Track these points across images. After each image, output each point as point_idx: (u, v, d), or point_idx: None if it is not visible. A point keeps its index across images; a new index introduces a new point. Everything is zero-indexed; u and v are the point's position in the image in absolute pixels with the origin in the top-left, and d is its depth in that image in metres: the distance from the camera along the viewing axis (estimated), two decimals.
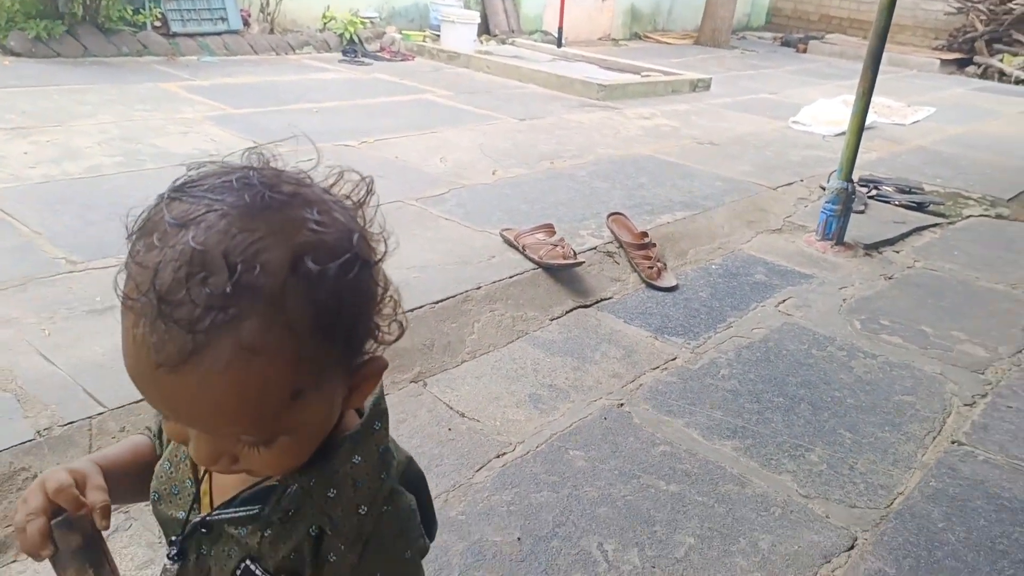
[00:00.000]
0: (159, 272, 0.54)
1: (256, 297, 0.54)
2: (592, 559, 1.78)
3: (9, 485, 1.69)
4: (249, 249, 0.54)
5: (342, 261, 0.58)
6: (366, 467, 0.70)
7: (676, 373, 2.62)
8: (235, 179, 0.58)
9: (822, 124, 6.36)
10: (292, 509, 0.69)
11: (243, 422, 0.58)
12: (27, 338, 2.15)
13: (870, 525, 1.95)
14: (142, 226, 0.59)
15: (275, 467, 0.65)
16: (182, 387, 0.55)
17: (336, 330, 0.60)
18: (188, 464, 0.75)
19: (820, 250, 3.79)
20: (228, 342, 0.54)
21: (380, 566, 0.70)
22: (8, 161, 3.46)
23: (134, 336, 0.56)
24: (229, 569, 0.72)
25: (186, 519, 0.73)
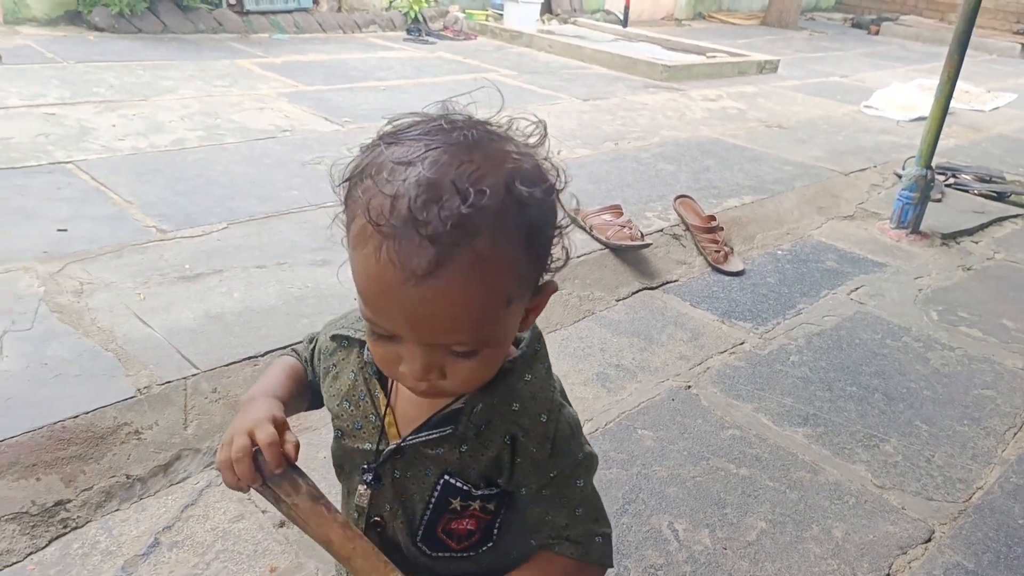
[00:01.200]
0: (400, 198, 0.63)
1: (484, 215, 0.64)
2: (663, 537, 1.80)
3: (113, 438, 1.80)
4: (472, 176, 0.64)
5: (544, 186, 0.69)
6: (537, 382, 0.81)
7: (744, 358, 2.61)
8: (443, 122, 0.69)
9: (896, 109, 6.17)
10: (483, 424, 0.79)
11: (467, 329, 0.68)
12: (125, 302, 2.26)
13: (948, 519, 1.93)
14: (363, 170, 0.68)
15: (473, 381, 0.74)
16: (425, 297, 0.64)
17: (539, 245, 0.71)
18: (368, 401, 0.84)
19: (895, 238, 3.70)
20: (467, 253, 0.63)
21: (563, 460, 0.80)
22: (99, 133, 3.61)
23: (378, 258, 0.64)
24: (428, 485, 0.82)
25: (376, 448, 0.83)
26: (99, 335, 2.10)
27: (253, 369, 2.07)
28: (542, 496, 0.81)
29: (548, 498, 0.81)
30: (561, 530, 0.82)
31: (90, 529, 1.65)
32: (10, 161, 3.18)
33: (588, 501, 0.84)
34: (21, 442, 1.71)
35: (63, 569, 1.55)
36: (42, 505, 1.65)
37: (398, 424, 0.83)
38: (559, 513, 0.82)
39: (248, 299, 2.36)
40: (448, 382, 0.72)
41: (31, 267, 2.40)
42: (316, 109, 4.45)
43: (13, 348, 2.01)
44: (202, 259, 2.57)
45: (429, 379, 0.71)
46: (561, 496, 0.82)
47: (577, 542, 0.83)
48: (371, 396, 0.84)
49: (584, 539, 0.83)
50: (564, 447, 0.80)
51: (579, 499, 0.83)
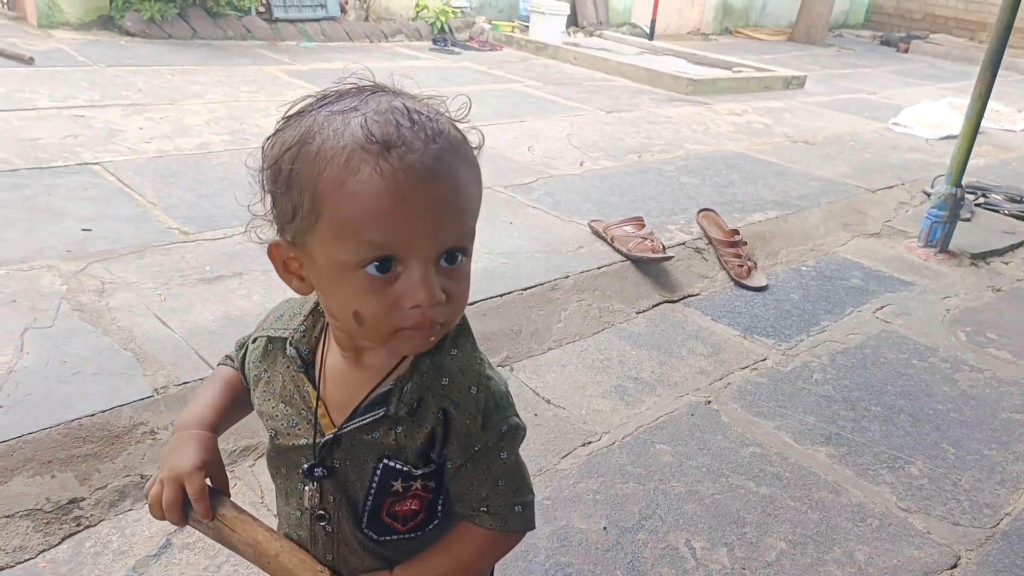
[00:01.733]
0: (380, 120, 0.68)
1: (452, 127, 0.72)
2: (680, 555, 1.77)
3: (128, 438, 1.80)
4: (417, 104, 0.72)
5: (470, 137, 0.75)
6: (464, 356, 0.82)
7: (766, 374, 2.57)
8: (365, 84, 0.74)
9: (925, 127, 6.09)
10: (416, 402, 0.79)
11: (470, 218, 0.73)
12: (145, 302, 2.27)
13: (974, 544, 1.87)
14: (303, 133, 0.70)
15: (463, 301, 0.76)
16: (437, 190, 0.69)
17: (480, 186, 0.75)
18: (299, 398, 0.84)
19: (922, 257, 3.63)
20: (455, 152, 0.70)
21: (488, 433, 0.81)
22: (126, 135, 3.65)
23: (382, 173, 0.67)
24: (368, 471, 0.82)
25: (313, 442, 0.82)
26: (119, 334, 2.11)
27: None
28: (465, 469, 0.82)
29: (471, 471, 0.82)
30: (481, 501, 0.84)
31: (103, 528, 1.65)
32: (39, 161, 3.23)
33: (510, 472, 0.84)
34: (38, 439, 1.72)
35: (75, 568, 1.55)
36: (56, 502, 1.65)
37: (330, 414, 0.83)
38: (481, 485, 0.83)
39: (267, 302, 2.36)
40: (448, 305, 0.73)
41: (54, 265, 2.42)
42: None
43: (34, 345, 2.02)
44: (223, 261, 2.58)
45: (437, 298, 0.71)
46: (484, 468, 0.82)
47: (496, 514, 0.84)
48: (299, 392, 0.84)
49: (503, 510, 0.84)
50: (493, 419, 0.82)
51: (502, 471, 0.83)
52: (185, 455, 0.86)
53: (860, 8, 13.82)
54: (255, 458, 1.89)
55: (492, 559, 0.90)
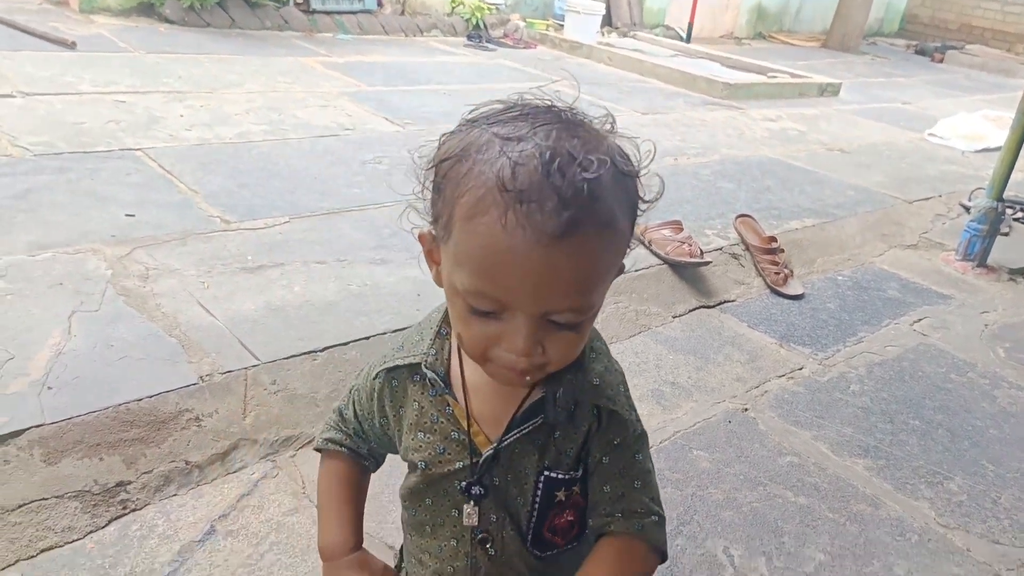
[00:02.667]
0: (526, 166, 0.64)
1: (604, 184, 0.66)
2: (718, 562, 1.76)
3: (174, 424, 1.82)
4: (585, 148, 0.66)
5: (635, 166, 0.71)
6: (604, 358, 0.83)
7: (803, 384, 2.55)
8: (537, 105, 0.71)
9: (962, 138, 6.01)
10: (572, 404, 0.79)
11: (585, 293, 0.69)
12: (188, 289, 2.29)
13: (1015, 564, 1.85)
14: (463, 148, 0.69)
15: (570, 354, 0.74)
16: (553, 260, 0.64)
17: (633, 217, 0.73)
18: (444, 421, 0.83)
19: (960, 270, 3.59)
20: (592, 217, 0.65)
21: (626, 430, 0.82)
22: (167, 122, 3.69)
23: (504, 224, 0.64)
24: (530, 486, 0.81)
25: (471, 462, 0.81)
26: (163, 320, 2.14)
27: (312, 363, 2.08)
28: (602, 464, 0.81)
29: (607, 466, 0.81)
30: (617, 502, 0.82)
31: (148, 512, 1.67)
32: (82, 145, 3.27)
33: (646, 476, 0.84)
34: (87, 421, 1.74)
35: (121, 550, 1.57)
36: (104, 485, 1.67)
37: (484, 431, 0.81)
38: (617, 483, 0.81)
39: (308, 293, 2.38)
40: (547, 357, 0.71)
41: (100, 249, 2.45)
42: (377, 109, 4.49)
43: (81, 328, 2.05)
44: (264, 251, 2.60)
45: (533, 354, 0.70)
46: (620, 466, 0.82)
47: (631, 517, 0.82)
48: (444, 415, 0.82)
49: (639, 514, 0.82)
50: (632, 418, 0.82)
51: (637, 471, 0.83)
52: None
53: (895, 16, 13.65)
54: (296, 448, 1.91)
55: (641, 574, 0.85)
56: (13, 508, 1.56)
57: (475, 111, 0.72)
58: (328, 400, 2.02)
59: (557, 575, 0.87)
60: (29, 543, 1.54)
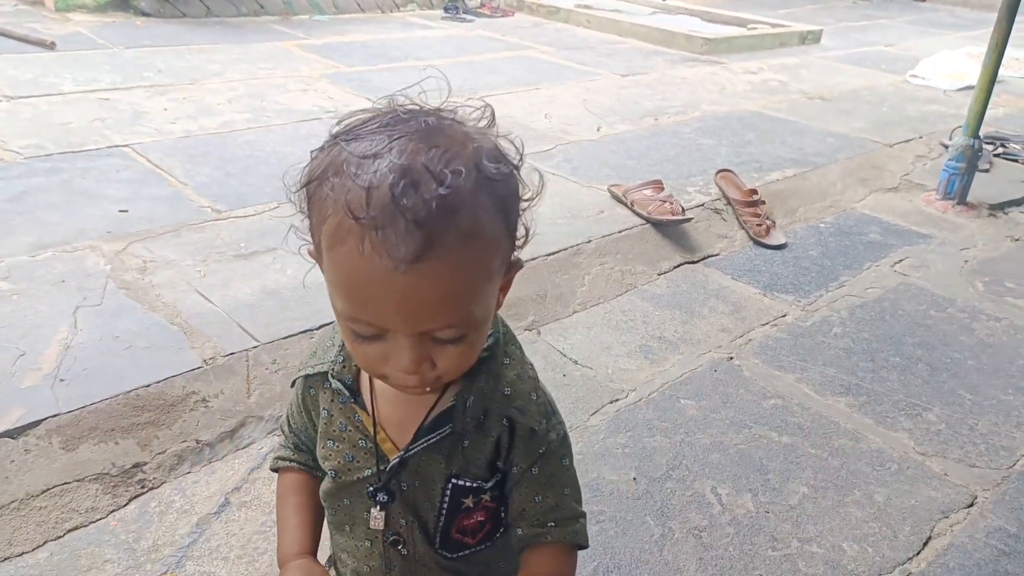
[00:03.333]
0: (376, 189, 0.62)
1: (461, 193, 0.63)
2: (706, 501, 1.86)
3: (183, 406, 1.91)
4: (443, 159, 0.64)
5: (505, 162, 0.69)
6: (517, 363, 0.82)
7: (786, 330, 2.63)
8: (400, 113, 0.69)
9: (943, 78, 6.03)
10: (482, 414, 0.79)
11: (458, 310, 0.67)
12: (186, 278, 2.37)
13: (991, 485, 1.95)
14: (324, 169, 0.67)
15: (462, 365, 0.73)
16: (413, 284, 0.63)
17: (510, 219, 0.71)
18: (352, 429, 0.83)
19: (940, 210, 3.66)
20: (451, 232, 0.63)
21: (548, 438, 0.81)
22: (152, 117, 3.74)
23: (361, 252, 0.63)
24: (437, 492, 0.81)
25: (377, 470, 0.81)
26: (164, 310, 2.22)
27: (309, 341, 2.16)
28: (530, 475, 0.81)
29: (536, 477, 0.81)
30: (549, 512, 0.82)
31: (165, 489, 1.77)
32: (71, 145, 3.32)
33: (573, 481, 0.84)
34: (100, 408, 1.83)
35: (143, 525, 1.67)
36: (121, 467, 1.77)
37: (391, 438, 0.81)
38: (548, 493, 0.82)
39: (301, 275, 2.45)
40: (438, 370, 0.71)
41: (97, 246, 2.53)
42: (358, 90, 4.53)
43: (86, 322, 2.13)
44: (256, 238, 2.67)
45: (420, 371, 0.69)
46: (549, 475, 0.82)
47: (565, 527, 0.83)
48: (352, 423, 0.82)
49: (570, 521, 0.83)
50: (552, 422, 0.82)
51: (566, 478, 0.83)
52: None
53: None
54: None
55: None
56: (38, 493, 1.66)
57: (342, 122, 0.71)
58: None
59: (465, 570, 0.87)
60: (56, 524, 1.63)
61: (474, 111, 0.72)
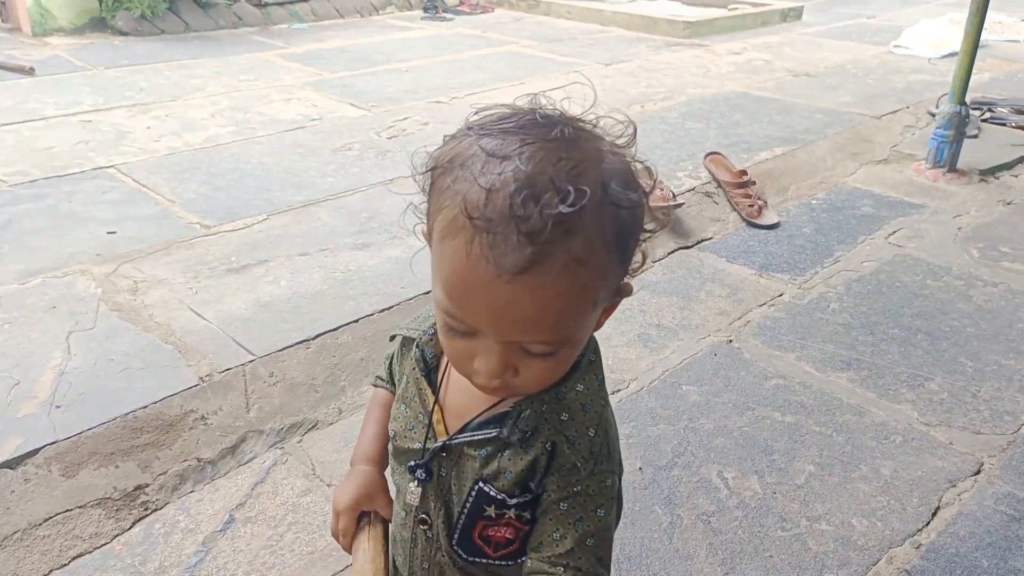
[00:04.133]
0: (497, 193, 0.61)
1: (582, 215, 0.61)
2: (713, 486, 1.85)
3: (182, 425, 1.90)
4: (571, 174, 0.62)
5: (637, 189, 0.66)
6: (590, 394, 0.78)
7: (784, 309, 2.62)
8: (539, 116, 0.66)
9: (927, 46, 6.02)
10: (530, 431, 0.76)
11: (552, 329, 0.65)
12: (178, 296, 2.36)
13: (996, 450, 1.94)
14: (450, 159, 0.66)
15: (545, 381, 0.72)
16: (514, 295, 0.62)
17: (627, 249, 0.67)
18: (418, 401, 0.83)
19: (931, 178, 3.65)
20: (562, 253, 0.61)
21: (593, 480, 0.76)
22: (135, 136, 3.72)
23: (468, 252, 0.62)
24: (466, 488, 0.80)
25: (423, 447, 0.82)
26: (158, 329, 2.20)
27: (306, 352, 2.15)
28: (557, 508, 0.76)
29: (563, 513, 0.76)
30: (563, 556, 0.76)
31: (169, 510, 1.76)
32: (55, 169, 3.31)
33: (601, 535, 0.77)
34: (98, 433, 1.82)
35: (148, 548, 1.66)
36: (123, 490, 1.76)
37: (446, 421, 0.82)
38: (568, 534, 0.76)
39: (295, 286, 2.44)
40: (520, 380, 0.70)
41: (87, 269, 2.51)
42: (342, 96, 4.51)
43: (80, 346, 2.12)
44: (247, 251, 2.66)
45: (503, 377, 0.69)
46: (577, 516, 0.75)
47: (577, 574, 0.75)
48: (420, 396, 0.83)
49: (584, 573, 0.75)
50: (602, 467, 0.76)
51: (594, 528, 0.76)
52: (344, 492, 0.92)
53: None
54: (302, 433, 1.99)
55: None
56: (40, 522, 1.65)
57: (480, 113, 0.69)
58: (326, 384, 2.10)
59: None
60: (60, 552, 1.62)
61: (616, 124, 0.69)
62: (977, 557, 1.64)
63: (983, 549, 1.66)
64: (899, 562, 1.64)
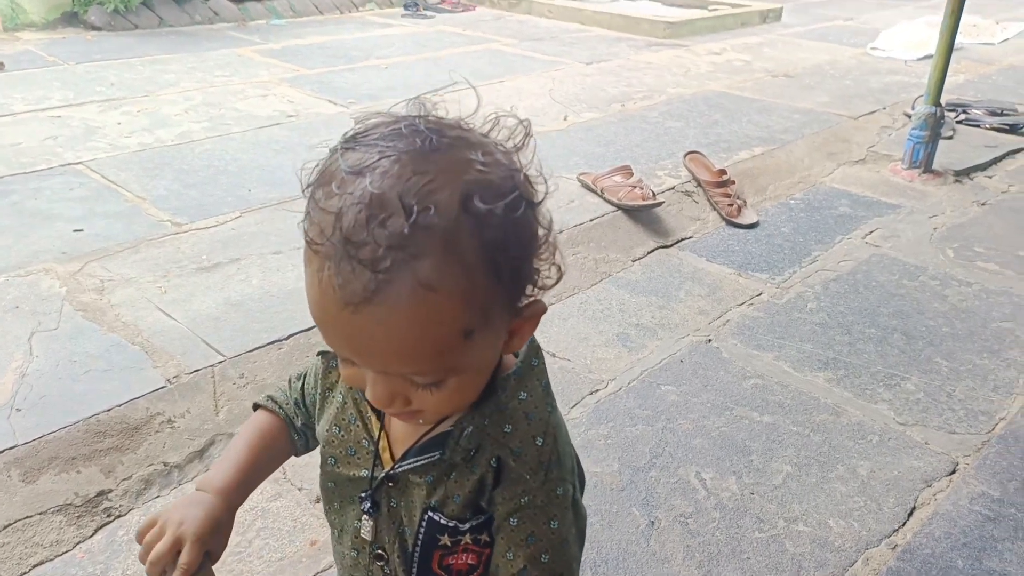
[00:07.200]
0: (341, 216, 0.56)
1: (431, 236, 0.56)
2: (691, 487, 1.83)
3: (147, 428, 1.85)
4: (422, 191, 0.56)
5: (508, 200, 0.59)
6: (533, 401, 0.73)
7: (763, 308, 2.62)
8: (403, 126, 0.61)
9: (904, 48, 6.06)
10: (473, 448, 0.71)
11: (418, 361, 0.61)
12: (146, 296, 2.30)
13: (971, 450, 1.94)
14: (319, 177, 0.61)
15: (445, 408, 0.67)
16: (364, 326, 0.58)
17: (503, 269, 0.61)
18: (360, 425, 0.78)
19: (907, 179, 3.66)
20: (407, 280, 0.56)
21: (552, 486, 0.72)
22: (105, 131, 3.64)
23: (319, 279, 0.58)
24: (416, 518, 0.75)
25: (371, 476, 0.77)
26: (124, 330, 2.15)
27: (278, 352, 2.11)
28: (508, 525, 0.72)
29: (513, 529, 0.72)
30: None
31: (133, 516, 1.71)
32: (22, 166, 3.23)
33: (557, 550, 0.72)
34: (59, 437, 1.76)
35: (111, 555, 1.61)
36: (85, 496, 1.70)
37: (391, 448, 0.77)
38: (521, 553, 0.71)
39: (267, 285, 2.40)
40: (417, 407, 0.66)
41: (51, 268, 2.45)
42: (319, 92, 4.45)
43: (42, 348, 2.06)
44: (218, 249, 2.60)
45: (394, 406, 0.65)
46: (528, 531, 0.71)
47: None
48: (362, 419, 0.78)
49: None
50: (552, 475, 0.72)
51: (548, 543, 0.71)
52: (194, 519, 0.78)
53: None
54: None
55: None
56: None
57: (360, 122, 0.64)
58: None
59: None
60: (20, 560, 1.57)
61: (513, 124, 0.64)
62: (952, 558, 1.64)
63: (958, 550, 1.66)
64: (875, 563, 1.63)
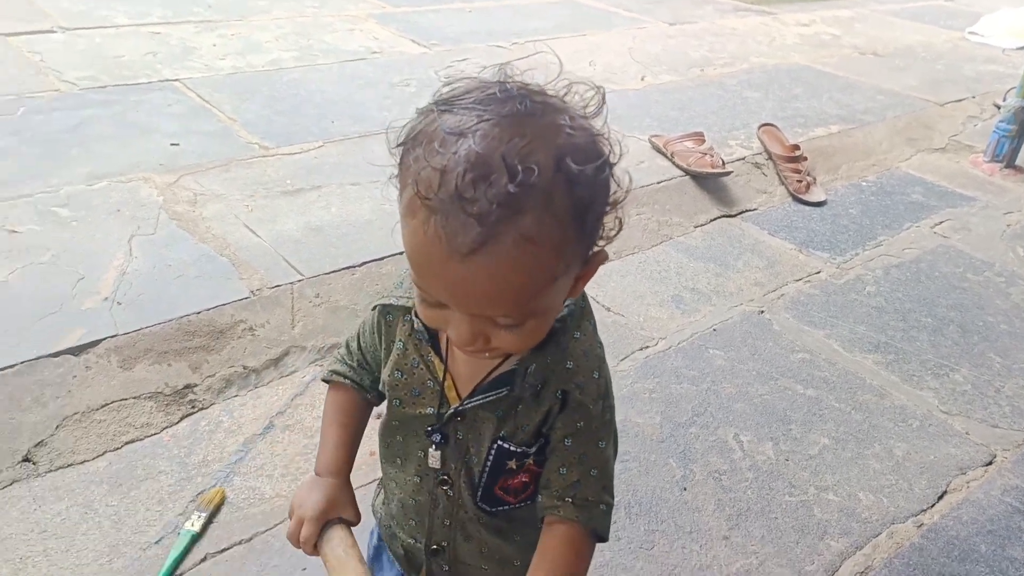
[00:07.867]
0: (447, 174, 0.62)
1: (532, 194, 0.62)
2: (728, 447, 1.92)
3: (231, 333, 2.01)
4: (522, 152, 0.62)
5: (597, 162, 0.65)
6: (587, 339, 0.82)
7: (819, 286, 2.65)
8: (497, 91, 0.66)
9: (1004, 35, 5.80)
10: (539, 384, 0.80)
11: (512, 305, 0.68)
12: (234, 212, 2.46)
13: (1011, 445, 1.98)
14: (415, 136, 0.67)
15: (520, 346, 0.74)
16: (468, 274, 0.63)
17: (587, 223, 0.68)
18: (423, 368, 0.85)
19: (987, 172, 3.59)
20: (511, 233, 0.62)
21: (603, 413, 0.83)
22: (201, 52, 3.80)
23: (425, 231, 0.63)
24: (485, 447, 0.84)
25: (437, 412, 0.85)
26: (214, 241, 2.31)
27: (352, 277, 2.24)
28: (563, 446, 0.81)
29: (568, 449, 0.81)
30: (571, 487, 0.81)
31: (214, 410, 1.88)
32: (124, 78, 3.40)
33: (604, 465, 0.83)
34: (154, 332, 1.94)
35: (194, 442, 1.78)
36: (173, 387, 1.88)
37: (457, 387, 0.84)
38: (573, 468, 0.81)
39: (345, 213, 2.53)
40: (495, 345, 0.72)
41: (150, 177, 2.62)
42: (404, 31, 4.52)
43: (141, 250, 2.23)
44: (302, 175, 2.74)
45: (476, 345, 0.71)
46: (581, 451, 0.81)
47: (581, 506, 0.81)
48: (425, 362, 0.85)
49: (590, 504, 0.82)
50: (604, 404, 0.82)
51: (597, 461, 0.82)
52: (311, 501, 0.91)
53: None
54: None
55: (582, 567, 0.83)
56: (97, 407, 1.78)
57: (449, 84, 0.70)
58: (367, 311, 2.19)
59: (507, 526, 0.90)
60: (114, 437, 1.76)
61: (587, 91, 0.70)
62: (976, 542, 1.70)
63: (983, 535, 1.72)
64: (899, 537, 1.70)
